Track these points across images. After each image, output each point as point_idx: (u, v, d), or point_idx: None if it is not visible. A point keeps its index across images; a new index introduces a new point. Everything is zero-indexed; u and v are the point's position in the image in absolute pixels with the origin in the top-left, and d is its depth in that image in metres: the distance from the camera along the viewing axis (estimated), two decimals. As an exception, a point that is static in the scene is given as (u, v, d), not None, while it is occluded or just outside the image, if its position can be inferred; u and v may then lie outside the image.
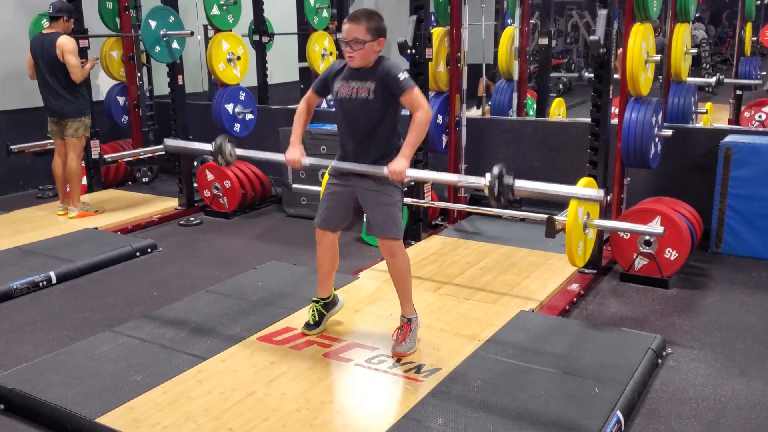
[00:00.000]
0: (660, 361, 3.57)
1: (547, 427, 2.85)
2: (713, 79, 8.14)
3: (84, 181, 7.02)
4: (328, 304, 3.81)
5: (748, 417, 3.10)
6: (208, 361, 3.47)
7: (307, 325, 3.78)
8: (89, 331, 4.03)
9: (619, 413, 2.96)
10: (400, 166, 3.23)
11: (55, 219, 6.28)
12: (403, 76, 3.27)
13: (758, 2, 9.33)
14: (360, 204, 3.54)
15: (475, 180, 3.27)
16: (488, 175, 3.15)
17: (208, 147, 3.93)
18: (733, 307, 4.31)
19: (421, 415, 2.95)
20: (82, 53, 6.52)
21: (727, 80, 8.50)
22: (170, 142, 4.20)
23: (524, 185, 3.16)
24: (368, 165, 3.39)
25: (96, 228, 5.95)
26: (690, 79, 6.42)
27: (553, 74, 11.45)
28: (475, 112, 8.54)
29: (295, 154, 3.55)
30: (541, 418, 2.91)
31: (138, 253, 5.43)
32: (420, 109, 3.26)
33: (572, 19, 16.69)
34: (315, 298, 3.81)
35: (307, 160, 3.58)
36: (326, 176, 4.48)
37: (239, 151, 3.89)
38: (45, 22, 6.68)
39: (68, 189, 6.32)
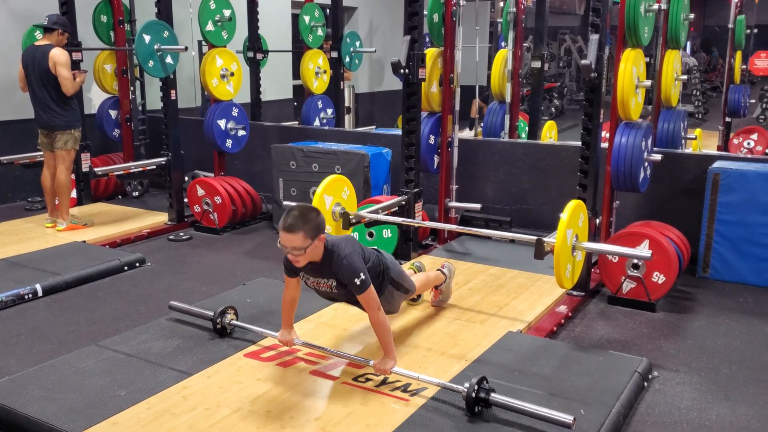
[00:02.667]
0: (646, 384, 3.57)
1: (532, 449, 2.85)
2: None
3: (73, 194, 7.00)
4: None
5: (733, 442, 3.11)
6: (194, 377, 3.44)
7: None
8: (74, 345, 4.00)
9: (604, 436, 2.96)
10: (386, 366, 3.34)
11: (43, 231, 6.26)
12: (359, 280, 3.23)
13: (748, 31, 9.45)
14: None
15: (458, 387, 3.17)
16: (467, 384, 3.11)
17: (208, 313, 4.02)
18: (719, 332, 4.32)
19: (407, 434, 2.94)
20: (75, 66, 6.53)
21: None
22: (176, 304, 4.28)
23: (501, 400, 3.07)
24: (353, 357, 3.58)
25: (84, 241, 5.93)
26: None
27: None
28: (467, 134, 8.60)
29: (286, 336, 3.63)
30: (527, 440, 2.91)
31: (126, 268, 5.41)
32: (371, 310, 3.32)
33: (565, 43, 16.87)
34: None
35: (299, 341, 3.66)
36: (317, 195, 4.51)
37: (237, 323, 3.98)
38: (38, 34, 6.69)
39: (57, 202, 6.30)
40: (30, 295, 4.77)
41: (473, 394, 3.07)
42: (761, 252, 5.02)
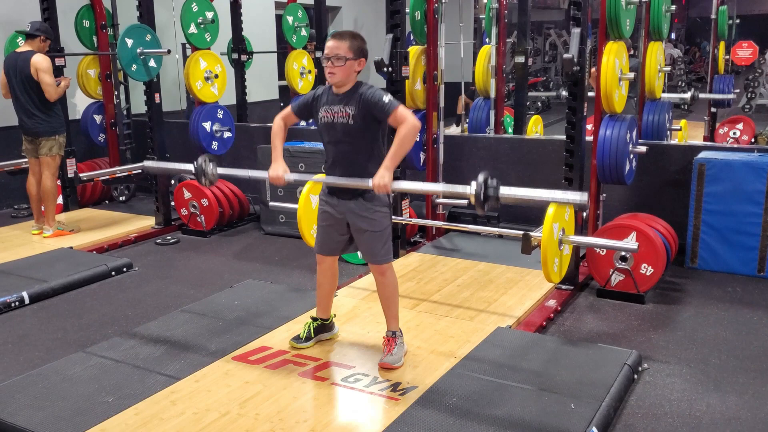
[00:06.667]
0: (636, 376, 3.58)
1: (522, 444, 2.84)
2: (688, 95, 8.32)
3: (60, 200, 6.95)
4: (324, 326, 3.85)
5: (722, 432, 3.11)
6: (182, 381, 3.42)
7: (296, 338, 3.79)
8: (61, 352, 3.97)
9: (595, 429, 2.95)
10: (384, 180, 3.24)
11: (30, 238, 6.21)
12: (387, 98, 3.29)
13: (730, 21, 9.48)
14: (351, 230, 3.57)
15: (461, 188, 3.26)
16: (473, 183, 3.19)
17: (188, 167, 3.91)
18: (708, 322, 4.33)
19: (397, 433, 2.93)
20: (59, 71, 6.49)
21: (702, 95, 8.68)
22: (150, 163, 4.16)
23: (509, 192, 3.22)
24: (353, 179, 3.39)
25: (71, 247, 5.89)
26: (666, 95, 6.53)
27: (531, 93, 11.48)
28: (454, 130, 8.60)
29: (278, 170, 3.58)
30: (517, 436, 2.90)
31: (113, 273, 5.37)
32: (405, 122, 3.25)
33: (550, 38, 16.90)
34: (313, 316, 3.85)
35: (291, 176, 3.60)
36: (303, 195, 4.49)
37: (221, 170, 3.89)
38: (20, 40, 6.63)
39: (43, 208, 6.26)
40: (17, 303, 4.72)
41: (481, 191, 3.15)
42: (748, 241, 5.03)
